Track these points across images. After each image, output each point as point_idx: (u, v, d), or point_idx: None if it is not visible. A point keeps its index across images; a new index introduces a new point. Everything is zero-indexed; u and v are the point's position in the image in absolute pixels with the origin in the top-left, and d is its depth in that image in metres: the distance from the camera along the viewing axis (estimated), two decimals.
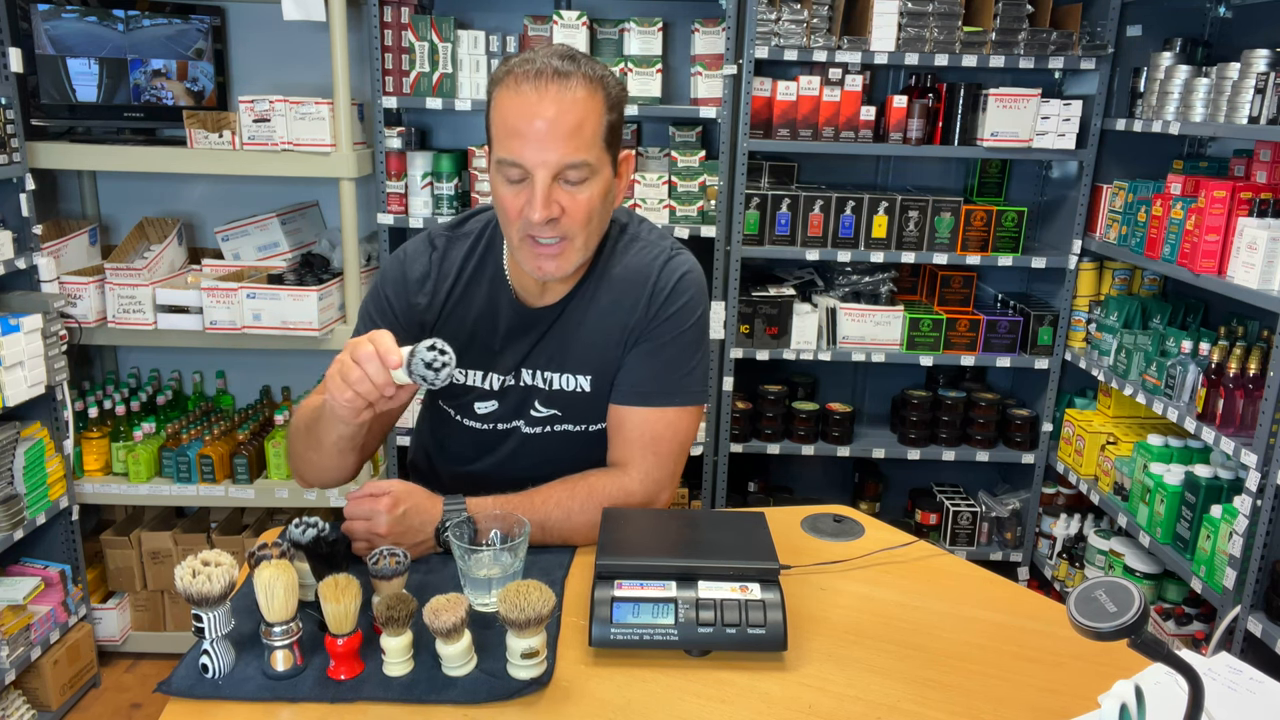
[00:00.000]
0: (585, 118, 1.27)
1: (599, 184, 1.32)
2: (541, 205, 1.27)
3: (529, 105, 1.26)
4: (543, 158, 1.26)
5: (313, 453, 1.40)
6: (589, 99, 1.28)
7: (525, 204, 1.29)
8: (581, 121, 1.27)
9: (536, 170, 1.27)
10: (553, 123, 1.25)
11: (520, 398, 1.48)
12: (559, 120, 1.26)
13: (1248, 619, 2.17)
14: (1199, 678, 0.80)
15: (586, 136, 1.28)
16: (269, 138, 2.62)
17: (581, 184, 1.30)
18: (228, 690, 1.05)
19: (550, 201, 1.28)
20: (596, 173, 1.31)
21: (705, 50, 2.77)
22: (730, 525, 1.30)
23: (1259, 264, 2.15)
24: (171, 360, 3.21)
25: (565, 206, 1.30)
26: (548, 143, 1.26)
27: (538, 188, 1.27)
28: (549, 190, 1.28)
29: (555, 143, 1.26)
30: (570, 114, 1.26)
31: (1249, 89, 2.22)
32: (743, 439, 3.05)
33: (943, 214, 2.86)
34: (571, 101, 1.26)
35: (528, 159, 1.27)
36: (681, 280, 1.44)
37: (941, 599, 1.30)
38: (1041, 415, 3.05)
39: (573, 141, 1.27)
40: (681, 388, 1.44)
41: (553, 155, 1.26)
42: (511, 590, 1.06)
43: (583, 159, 1.28)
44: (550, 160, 1.27)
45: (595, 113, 1.29)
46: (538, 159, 1.26)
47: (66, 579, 2.67)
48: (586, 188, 1.31)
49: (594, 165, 1.30)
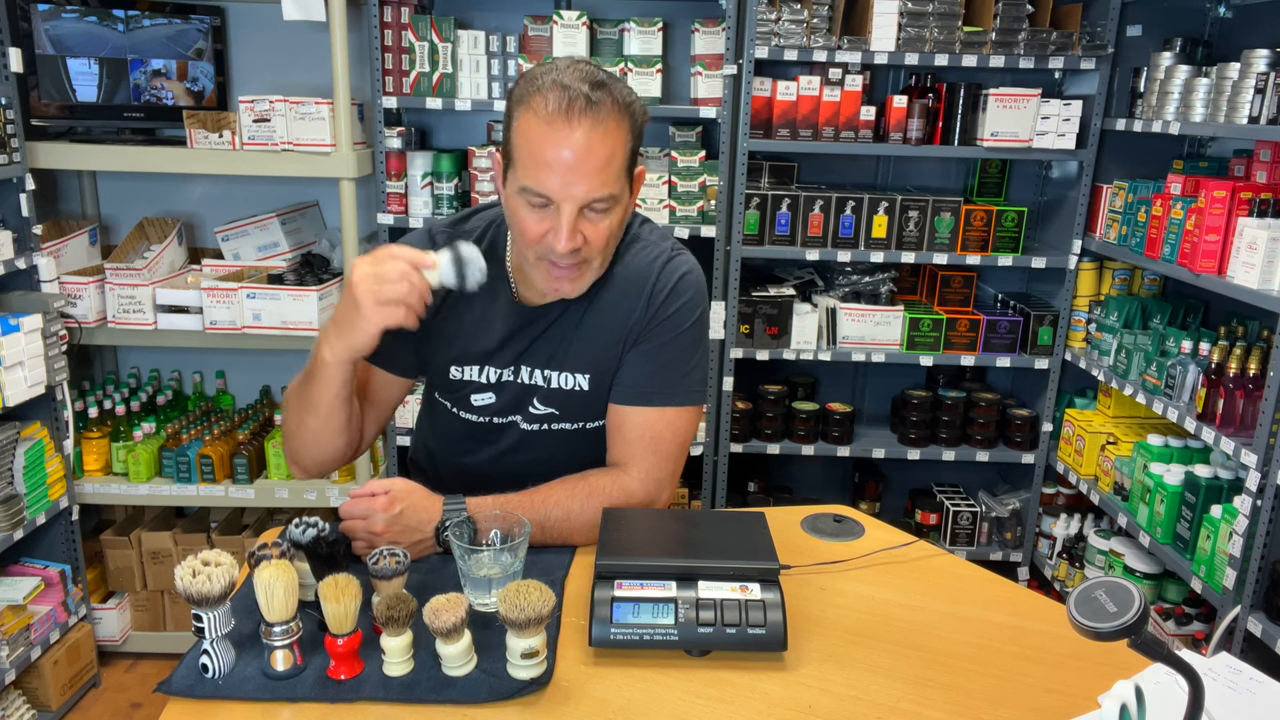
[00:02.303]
0: (614, 151, 1.26)
1: (620, 211, 1.32)
2: (568, 238, 1.26)
3: (560, 137, 1.22)
4: (570, 192, 1.24)
5: (310, 417, 1.39)
6: (618, 130, 1.26)
7: (548, 232, 1.28)
8: (610, 155, 1.25)
9: (564, 204, 1.25)
10: (583, 158, 1.23)
11: (518, 394, 1.48)
12: (589, 156, 1.23)
13: (1248, 619, 2.17)
14: (1199, 678, 0.80)
15: (614, 170, 1.27)
16: (269, 138, 2.62)
17: (605, 213, 1.29)
18: (228, 690, 1.05)
19: (575, 233, 1.27)
20: (620, 201, 1.31)
21: (705, 50, 2.77)
22: (730, 525, 1.30)
23: (1259, 264, 2.15)
24: (171, 360, 3.21)
25: (588, 235, 1.29)
26: (577, 177, 1.24)
27: (564, 220, 1.26)
28: (575, 222, 1.27)
29: (584, 178, 1.24)
30: (601, 148, 1.24)
31: (1249, 89, 2.22)
32: (743, 439, 3.05)
33: (943, 214, 2.86)
34: (603, 135, 1.24)
35: (555, 192, 1.25)
36: (681, 280, 1.44)
37: (941, 599, 1.30)
38: (1041, 415, 3.05)
39: (601, 175, 1.25)
40: (681, 387, 1.44)
41: (580, 189, 1.25)
42: (511, 590, 1.06)
43: (610, 193, 1.27)
44: (578, 195, 1.25)
45: (623, 144, 1.27)
46: (565, 193, 1.25)
47: (66, 579, 2.67)
48: (609, 215, 1.30)
49: (618, 196, 1.29)
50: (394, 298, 1.23)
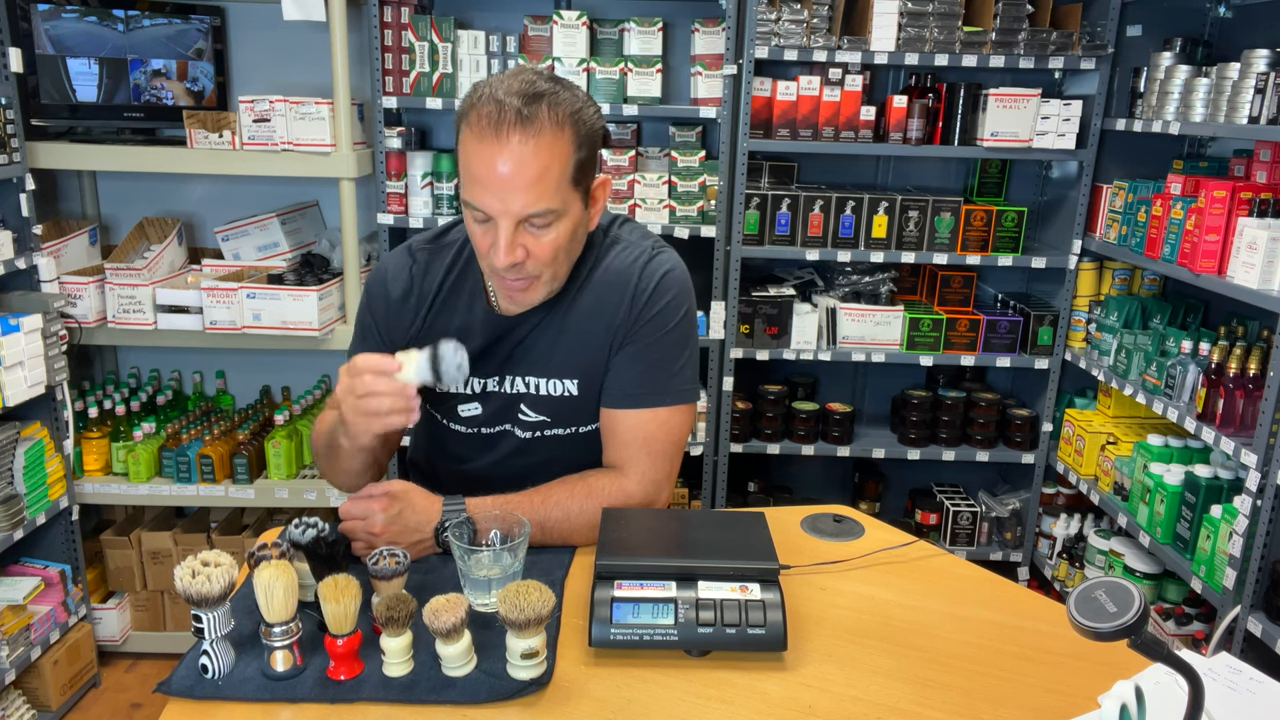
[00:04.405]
0: (549, 165, 1.23)
1: (566, 224, 1.30)
2: (505, 253, 1.26)
3: (490, 154, 1.22)
4: (504, 207, 1.24)
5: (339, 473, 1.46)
6: (554, 143, 1.23)
7: (491, 245, 1.28)
8: (545, 169, 1.23)
9: (500, 218, 1.25)
10: (514, 172, 1.22)
11: (505, 403, 1.48)
12: (520, 170, 1.22)
13: (1248, 619, 2.17)
14: (1199, 678, 0.80)
15: (551, 183, 1.25)
16: (269, 138, 2.62)
17: (547, 227, 1.28)
18: (227, 690, 1.05)
19: (514, 247, 1.27)
20: (563, 215, 1.29)
21: (705, 50, 2.77)
22: (730, 525, 1.30)
23: (1259, 264, 2.15)
24: (171, 360, 3.21)
25: (530, 249, 1.29)
26: (510, 193, 1.23)
27: (501, 235, 1.26)
28: (512, 237, 1.26)
29: (517, 193, 1.23)
30: (533, 163, 1.22)
31: (1249, 89, 2.22)
32: (743, 439, 3.05)
33: (943, 214, 2.86)
34: (534, 149, 1.22)
35: (490, 207, 1.25)
36: (663, 280, 1.43)
37: (941, 599, 1.30)
38: (1041, 415, 3.05)
39: (534, 190, 1.24)
40: (671, 387, 1.44)
41: (515, 205, 1.24)
42: (511, 590, 1.06)
43: (546, 207, 1.25)
44: (513, 210, 1.24)
45: (561, 157, 1.25)
46: (500, 208, 1.24)
47: (66, 579, 2.67)
48: (552, 230, 1.29)
49: (559, 210, 1.28)
50: (374, 410, 1.23)
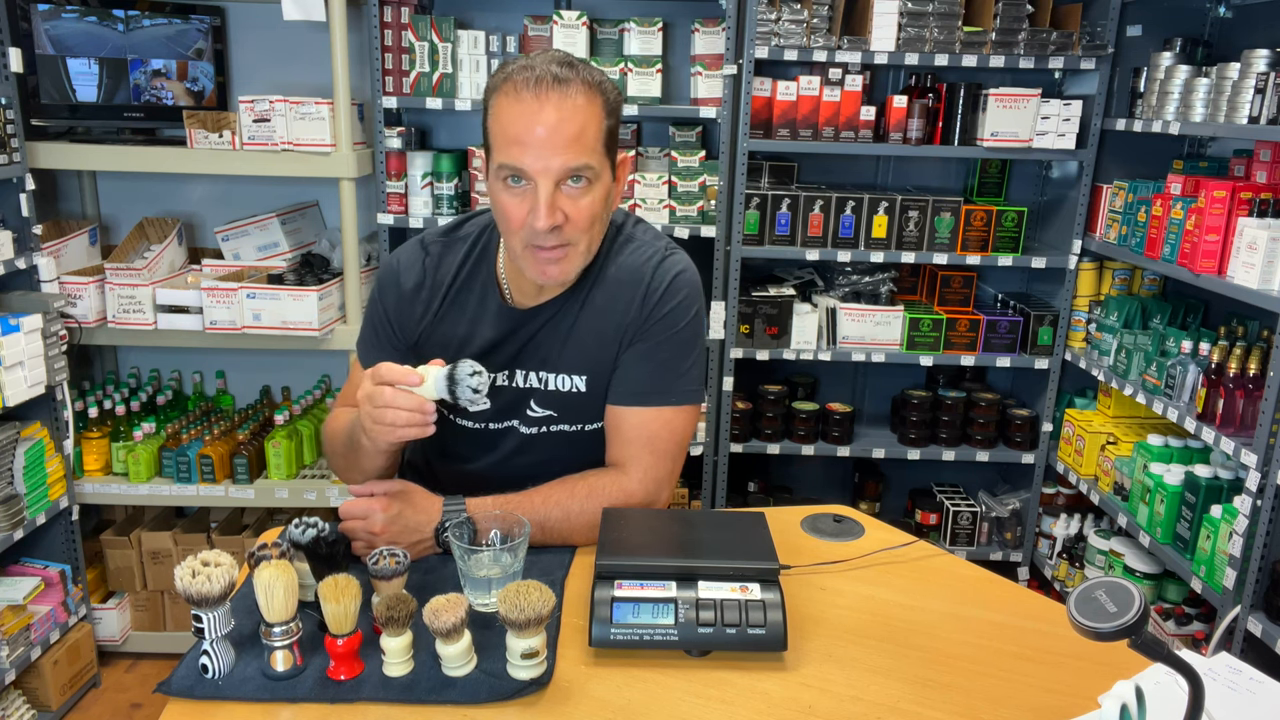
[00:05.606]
0: (586, 124, 1.28)
1: (600, 189, 1.33)
2: (546, 213, 1.28)
3: (530, 113, 1.26)
4: (545, 164, 1.27)
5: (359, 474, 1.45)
6: (589, 105, 1.29)
7: (528, 212, 1.29)
8: (583, 128, 1.28)
9: (540, 177, 1.27)
10: (554, 130, 1.26)
11: (514, 398, 1.48)
12: (560, 127, 1.26)
13: (1248, 619, 2.17)
14: (1199, 678, 0.80)
15: (588, 142, 1.29)
16: (269, 138, 2.62)
17: (584, 189, 1.31)
18: (228, 690, 1.05)
19: (554, 209, 1.29)
20: (598, 177, 1.32)
21: (705, 50, 2.77)
22: (730, 525, 1.30)
23: (1259, 264, 2.15)
24: (171, 360, 3.21)
25: (568, 213, 1.30)
26: (550, 150, 1.26)
27: (541, 195, 1.28)
28: (552, 198, 1.28)
29: (557, 150, 1.26)
30: (572, 121, 1.27)
31: (1249, 89, 2.22)
32: (743, 439, 3.05)
33: (943, 214, 2.86)
34: (572, 108, 1.27)
35: (530, 166, 1.27)
36: (675, 280, 1.44)
37: (941, 599, 1.30)
38: (1041, 415, 3.04)
39: (574, 148, 1.27)
40: (678, 387, 1.44)
41: (555, 162, 1.27)
42: (511, 590, 1.06)
43: (585, 163, 1.29)
44: (553, 167, 1.27)
45: (595, 119, 1.30)
46: (540, 166, 1.27)
47: (66, 579, 2.67)
48: (588, 193, 1.31)
49: (596, 170, 1.31)
50: (390, 422, 1.25)
